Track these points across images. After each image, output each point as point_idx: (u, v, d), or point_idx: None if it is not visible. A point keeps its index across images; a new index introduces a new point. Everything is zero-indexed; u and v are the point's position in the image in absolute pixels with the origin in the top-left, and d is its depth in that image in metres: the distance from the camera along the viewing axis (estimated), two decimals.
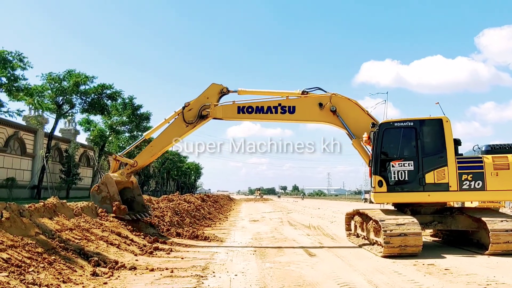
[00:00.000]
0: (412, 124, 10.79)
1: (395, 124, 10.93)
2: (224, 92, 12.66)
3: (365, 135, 11.20)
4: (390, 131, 10.85)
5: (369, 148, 11.62)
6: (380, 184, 10.60)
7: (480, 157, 10.71)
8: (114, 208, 12.13)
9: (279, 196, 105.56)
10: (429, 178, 10.48)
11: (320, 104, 12.02)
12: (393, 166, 10.58)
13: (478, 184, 10.42)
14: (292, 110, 12.19)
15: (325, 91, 12.27)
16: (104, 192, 12.45)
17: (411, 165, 10.54)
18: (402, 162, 10.58)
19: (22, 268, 6.38)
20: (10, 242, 7.04)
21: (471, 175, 10.45)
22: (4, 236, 7.09)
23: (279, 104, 12.25)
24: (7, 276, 5.86)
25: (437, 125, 10.77)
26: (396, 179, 10.56)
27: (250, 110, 12.35)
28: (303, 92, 12.25)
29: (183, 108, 12.50)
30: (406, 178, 10.53)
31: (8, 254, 6.61)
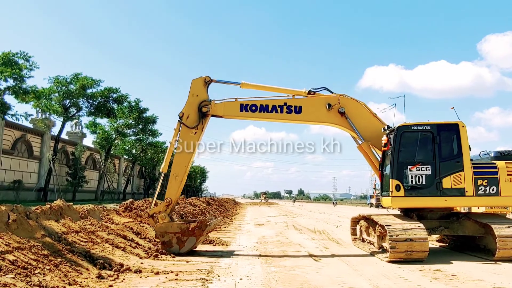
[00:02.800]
0: (429, 128, 10.70)
1: (413, 127, 10.79)
2: (208, 81, 11.67)
3: (384, 138, 11.02)
4: (408, 135, 10.74)
5: (378, 152, 11.54)
6: (397, 188, 10.51)
7: (494, 163, 10.67)
8: (196, 232, 10.74)
9: (294, 201, 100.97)
10: (446, 183, 10.41)
11: (329, 105, 11.62)
12: (410, 170, 10.50)
13: (493, 190, 10.38)
14: (298, 110, 11.73)
15: (332, 92, 11.90)
16: (173, 238, 10.73)
17: (428, 170, 10.46)
18: (420, 167, 10.51)
19: (28, 270, 6.42)
20: (17, 244, 7.09)
21: (486, 181, 10.40)
22: (10, 238, 7.14)
23: (285, 103, 11.73)
24: (14, 278, 5.89)
25: (454, 129, 10.69)
26: (414, 183, 10.49)
27: (253, 108, 11.70)
28: (309, 92, 11.79)
29: (180, 118, 11.51)
30: (424, 183, 10.44)
31: (15, 256, 6.65)
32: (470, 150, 10.72)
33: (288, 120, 12.04)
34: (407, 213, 11.26)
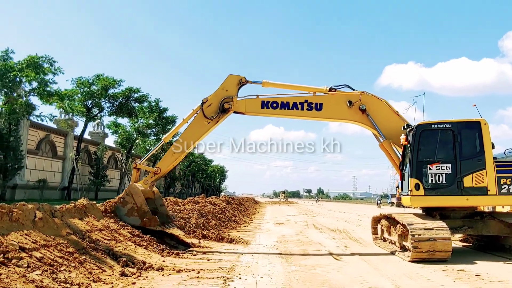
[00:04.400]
0: (449, 126, 10.53)
1: (433, 125, 10.63)
2: (243, 82, 11.98)
3: (403, 137, 10.91)
4: (427, 133, 10.58)
5: (399, 150, 11.42)
6: (417, 187, 10.38)
7: None
8: (144, 220, 11.23)
9: (317, 201, 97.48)
10: (468, 181, 10.23)
11: (350, 102, 11.58)
12: (430, 169, 10.36)
13: None
14: (319, 107, 11.76)
15: (353, 89, 11.84)
16: (130, 204, 11.41)
17: (449, 168, 10.30)
18: (440, 165, 10.35)
19: (55, 267, 6.57)
20: (43, 241, 7.26)
21: (510, 179, 10.19)
22: (37, 236, 7.32)
23: (306, 101, 11.78)
24: (41, 274, 6.04)
25: (475, 127, 10.50)
26: (434, 182, 10.33)
27: (274, 105, 11.80)
28: (330, 89, 11.78)
29: (202, 104, 11.81)
30: (444, 182, 10.28)
31: (41, 253, 6.81)
32: (493, 148, 10.50)
33: (308, 117, 12.10)
34: (430, 213, 11.10)
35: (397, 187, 12.36)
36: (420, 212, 11.63)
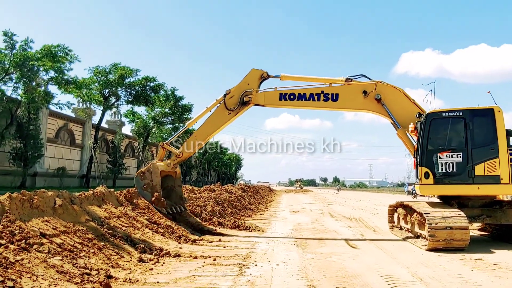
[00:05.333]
0: (461, 114, 10.38)
1: (443, 114, 10.51)
2: (264, 77, 12.50)
3: (411, 125, 10.88)
4: (438, 121, 10.47)
5: (415, 138, 11.32)
6: (426, 175, 10.30)
7: None
8: (153, 199, 12.15)
9: (339, 189, 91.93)
10: (479, 170, 10.08)
11: (365, 92, 11.72)
12: (440, 158, 10.24)
13: None
14: (335, 97, 11.94)
15: (370, 79, 11.97)
16: (147, 180, 12.49)
17: (460, 157, 10.17)
18: (450, 154, 10.23)
19: (74, 253, 6.72)
20: (63, 228, 7.42)
21: None
22: (57, 222, 7.48)
23: (322, 91, 12.01)
24: (61, 260, 6.18)
25: (489, 115, 10.30)
26: (444, 170, 10.22)
27: (292, 97, 12.17)
28: (347, 80, 11.96)
29: (225, 95, 12.42)
30: (454, 170, 10.17)
31: (61, 239, 6.97)
32: (511, 136, 10.30)
33: (325, 108, 12.29)
34: (447, 201, 10.99)
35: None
36: (438, 200, 11.53)
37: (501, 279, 6.80)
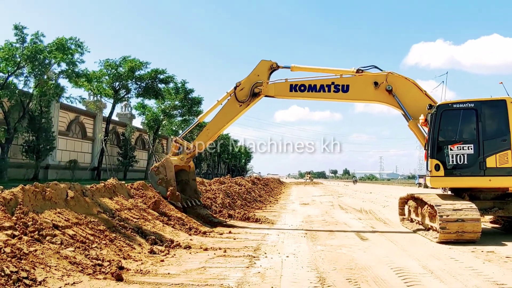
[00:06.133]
0: (472, 105, 10.25)
1: (454, 105, 10.40)
2: (274, 67, 12.48)
3: (421, 117, 10.78)
4: (449, 113, 10.36)
5: (426, 130, 11.22)
6: (437, 168, 10.21)
7: None
8: (168, 193, 12.22)
9: (355, 182, 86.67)
10: (491, 162, 9.97)
11: (376, 83, 11.65)
12: (451, 150, 10.14)
13: None
14: (345, 89, 11.89)
15: (381, 70, 11.87)
16: (161, 174, 12.59)
17: (471, 149, 10.06)
18: (461, 145, 10.12)
19: (86, 244, 6.80)
20: (75, 219, 7.50)
21: None
22: (69, 214, 7.57)
23: (333, 83, 11.96)
24: (73, 251, 6.27)
25: (500, 106, 10.15)
26: (455, 163, 10.13)
27: (302, 88, 12.13)
28: (357, 71, 11.89)
29: (235, 88, 12.45)
30: (465, 162, 10.07)
31: (74, 230, 7.05)
32: None
33: (335, 99, 12.28)
34: (459, 193, 10.90)
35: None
36: (449, 193, 11.44)
37: None
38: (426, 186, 44.70)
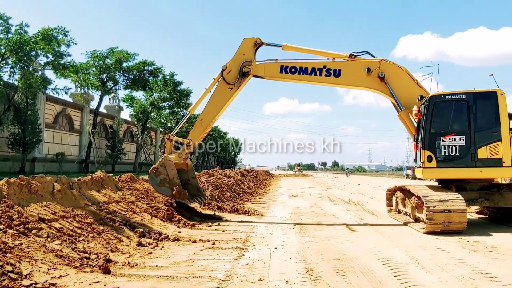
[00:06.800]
0: (464, 97, 10.30)
1: (446, 97, 10.42)
2: (258, 43, 12.07)
3: (415, 108, 10.72)
4: (441, 104, 10.39)
5: (417, 121, 11.25)
6: (429, 159, 10.27)
7: None
8: (174, 192, 11.55)
9: (348, 174, 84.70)
10: (482, 153, 10.07)
11: (368, 69, 11.46)
12: (443, 141, 10.21)
13: None
14: (337, 73, 11.65)
15: (374, 56, 11.69)
16: (162, 175, 11.72)
17: (463, 140, 10.14)
18: (453, 137, 10.18)
19: (73, 237, 6.74)
20: (62, 212, 7.43)
21: None
22: (56, 207, 7.49)
23: (324, 66, 11.71)
24: (60, 244, 6.21)
25: (491, 98, 10.25)
26: (446, 154, 10.21)
27: (293, 70, 11.84)
28: (350, 56, 11.64)
29: (222, 72, 11.98)
30: (457, 153, 10.14)
31: (60, 224, 6.98)
32: (511, 119, 10.26)
33: (326, 83, 12.04)
34: (445, 185, 11.01)
35: (415, 159, 12.28)
36: (436, 184, 11.55)
37: (497, 261, 6.85)
38: (413, 178, 45.26)
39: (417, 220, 10.68)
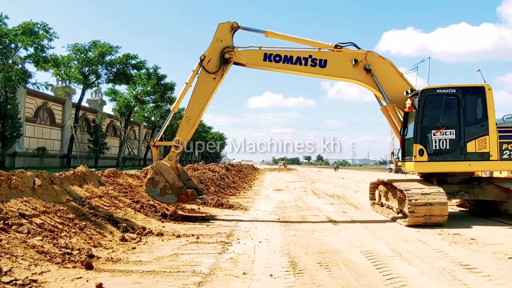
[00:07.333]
0: (454, 91, 10.40)
1: (437, 90, 10.49)
2: (235, 27, 11.39)
3: (408, 102, 10.64)
4: (432, 98, 10.46)
5: (401, 115, 11.31)
6: (421, 153, 10.37)
7: None
8: (182, 196, 10.75)
9: (336, 169, 79.75)
10: (471, 147, 10.23)
11: (355, 61, 11.24)
12: (434, 135, 10.34)
13: None
14: (323, 63, 11.36)
15: (359, 48, 11.52)
16: (161, 183, 10.77)
17: (453, 134, 10.26)
18: (444, 131, 10.32)
19: (55, 232, 6.65)
20: (43, 208, 7.32)
21: (511, 145, 10.22)
22: (37, 203, 7.37)
23: (310, 56, 11.36)
24: (41, 240, 6.12)
25: (480, 92, 10.41)
26: (437, 148, 10.34)
27: (277, 58, 11.36)
28: (336, 46, 11.36)
29: (201, 62, 11.24)
30: (448, 147, 10.27)
31: (41, 219, 6.88)
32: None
33: (311, 74, 11.73)
34: (428, 178, 11.17)
35: (392, 153, 12.40)
36: (418, 177, 11.71)
37: (477, 252, 6.99)
38: (396, 171, 45.84)
39: (399, 213, 10.83)
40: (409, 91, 10.89)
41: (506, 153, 10.20)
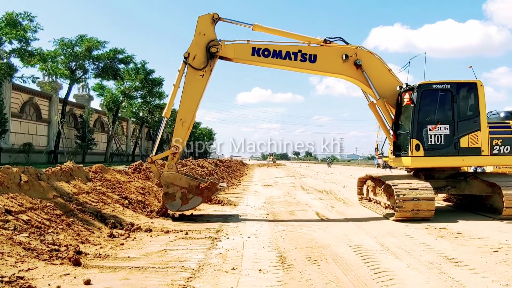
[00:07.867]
0: (448, 86, 10.51)
1: (433, 86, 10.57)
2: (216, 18, 10.85)
3: (406, 97, 10.63)
4: (428, 93, 10.54)
5: (391, 110, 11.36)
6: (417, 147, 10.45)
7: (508, 123, 10.67)
8: (205, 192, 10.33)
9: (329, 164, 77.27)
10: (464, 142, 10.36)
11: (346, 56, 11.10)
12: (430, 130, 10.43)
13: (507, 149, 10.43)
14: (313, 59, 11.15)
15: (348, 43, 11.40)
16: (178, 192, 10.26)
17: (447, 129, 10.39)
18: (439, 126, 10.42)
19: (42, 229, 6.59)
20: (30, 204, 7.24)
21: (501, 140, 10.42)
22: (23, 199, 7.29)
23: (300, 51, 11.11)
24: (28, 236, 6.06)
25: (472, 88, 10.55)
26: (433, 143, 10.42)
27: (266, 53, 10.98)
28: (325, 41, 11.21)
29: (185, 59, 10.69)
30: (442, 142, 10.39)
31: (28, 216, 6.80)
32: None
33: (301, 69, 11.51)
34: (415, 173, 11.28)
35: (376, 148, 12.48)
36: (406, 173, 11.82)
37: (463, 246, 7.09)
38: (384, 167, 46.18)
39: (387, 208, 10.92)
40: (404, 86, 10.96)
41: (496, 148, 10.40)
